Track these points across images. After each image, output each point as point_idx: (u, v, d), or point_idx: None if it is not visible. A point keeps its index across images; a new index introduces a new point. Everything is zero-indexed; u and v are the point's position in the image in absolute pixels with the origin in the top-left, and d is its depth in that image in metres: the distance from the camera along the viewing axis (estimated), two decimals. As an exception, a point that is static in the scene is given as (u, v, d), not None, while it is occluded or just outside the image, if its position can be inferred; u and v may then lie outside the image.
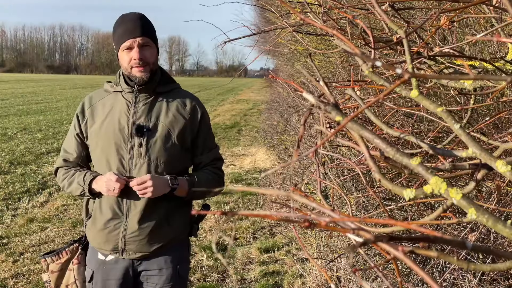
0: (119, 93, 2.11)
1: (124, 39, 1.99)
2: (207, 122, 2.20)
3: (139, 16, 2.05)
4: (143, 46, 2.00)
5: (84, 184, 2.05)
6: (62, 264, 2.19)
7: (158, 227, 2.07)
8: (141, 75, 2.02)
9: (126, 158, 2.04)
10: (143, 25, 2.01)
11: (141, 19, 2.03)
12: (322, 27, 0.73)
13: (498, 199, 1.65)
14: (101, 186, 2.01)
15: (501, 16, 1.19)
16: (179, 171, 2.12)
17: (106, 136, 2.06)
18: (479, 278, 2.31)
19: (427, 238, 0.42)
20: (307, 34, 1.60)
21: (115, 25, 2.06)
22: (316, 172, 0.82)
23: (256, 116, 17.05)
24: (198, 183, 2.08)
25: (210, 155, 2.20)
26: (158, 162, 2.04)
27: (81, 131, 2.15)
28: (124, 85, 2.08)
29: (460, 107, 1.26)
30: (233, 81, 45.82)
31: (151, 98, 2.09)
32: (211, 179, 2.15)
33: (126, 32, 1.99)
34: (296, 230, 1.08)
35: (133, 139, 2.04)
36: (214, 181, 2.16)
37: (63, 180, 2.16)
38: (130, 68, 2.02)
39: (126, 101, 2.08)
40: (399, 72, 0.45)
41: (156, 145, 2.04)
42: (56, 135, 11.18)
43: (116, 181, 1.95)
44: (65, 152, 2.19)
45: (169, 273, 2.12)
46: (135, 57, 1.98)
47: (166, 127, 2.06)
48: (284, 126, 7.43)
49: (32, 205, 6.01)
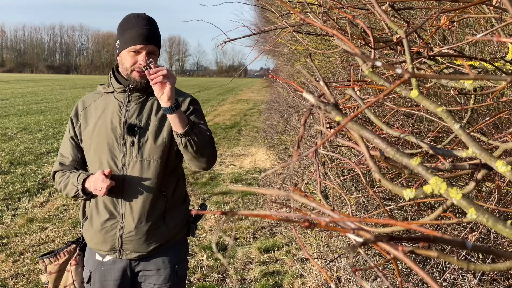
0: (111, 94, 2.13)
1: (136, 42, 1.99)
2: (196, 107, 2.16)
3: (153, 22, 2.06)
4: (150, 54, 2.02)
5: (77, 184, 2.05)
6: (60, 265, 2.19)
7: (155, 226, 2.07)
8: (140, 80, 2.04)
9: (119, 157, 2.05)
10: (155, 34, 2.04)
11: (155, 28, 2.05)
12: (322, 27, 0.73)
13: (498, 199, 1.65)
14: (90, 186, 2.03)
15: (501, 16, 1.19)
16: (173, 168, 2.12)
17: (99, 137, 2.07)
18: (479, 278, 2.31)
19: (427, 238, 0.42)
20: (307, 34, 1.60)
21: (125, 23, 2.04)
22: (316, 172, 0.82)
23: (256, 116, 17.05)
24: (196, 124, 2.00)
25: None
26: (150, 160, 2.04)
27: (75, 134, 2.16)
28: (117, 84, 2.09)
29: (460, 107, 1.26)
30: (233, 81, 45.84)
31: (143, 98, 2.10)
32: (206, 133, 2.04)
33: (140, 36, 1.98)
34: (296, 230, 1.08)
35: (125, 139, 2.05)
36: (208, 137, 2.04)
37: (60, 183, 2.16)
38: (131, 70, 2.03)
39: (118, 101, 2.10)
40: (399, 72, 0.45)
41: (147, 143, 2.05)
42: (56, 135, 11.19)
43: (102, 181, 1.95)
44: (61, 156, 2.20)
45: (167, 273, 2.12)
46: (141, 63, 1.99)
47: (156, 124, 2.07)
48: (284, 126, 7.43)
49: (32, 205, 6.01)
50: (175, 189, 2.15)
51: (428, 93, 2.46)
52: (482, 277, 2.34)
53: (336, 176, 3.39)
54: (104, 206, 2.07)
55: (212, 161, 2.08)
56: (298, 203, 0.57)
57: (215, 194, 6.64)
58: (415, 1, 2.29)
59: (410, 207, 2.40)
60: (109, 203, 2.06)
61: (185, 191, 2.25)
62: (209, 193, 6.74)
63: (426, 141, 0.93)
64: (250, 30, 1.77)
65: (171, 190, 2.13)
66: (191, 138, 1.92)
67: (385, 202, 2.73)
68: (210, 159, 2.05)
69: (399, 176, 1.86)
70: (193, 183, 7.14)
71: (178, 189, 2.17)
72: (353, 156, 3.35)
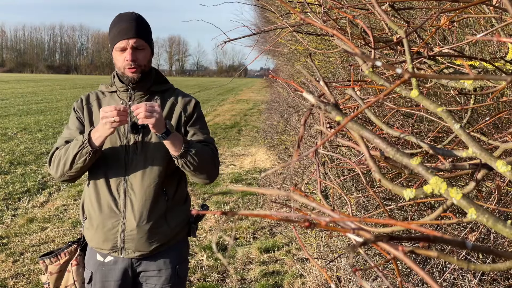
0: (114, 93, 2.13)
1: (118, 39, 1.99)
2: (199, 112, 2.19)
3: (135, 17, 2.04)
4: (137, 49, 2.01)
5: (83, 137, 1.96)
6: (61, 266, 2.19)
7: (156, 225, 2.07)
8: (132, 75, 2.04)
9: (122, 155, 2.05)
10: (137, 27, 2.01)
11: (136, 20, 2.02)
12: (322, 27, 0.73)
13: (498, 199, 1.65)
14: (99, 128, 1.93)
15: (501, 16, 1.19)
16: (175, 168, 2.12)
17: None
18: (479, 278, 2.31)
19: (427, 238, 0.42)
20: (307, 34, 1.60)
21: (111, 24, 2.07)
22: (316, 172, 0.82)
23: (256, 116, 17.05)
24: (193, 143, 2.01)
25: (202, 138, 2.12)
26: (153, 158, 2.05)
27: (81, 117, 2.12)
28: (119, 83, 2.10)
29: (460, 107, 1.26)
30: (233, 81, 45.83)
31: (146, 97, 2.11)
32: (206, 149, 2.06)
33: (120, 33, 1.99)
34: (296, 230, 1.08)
35: (129, 137, 2.05)
36: (209, 154, 2.06)
37: (60, 151, 2.05)
38: (123, 68, 2.04)
39: (121, 100, 2.11)
40: (399, 72, 0.45)
41: (151, 141, 2.05)
42: (56, 135, 11.18)
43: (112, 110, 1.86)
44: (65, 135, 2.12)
45: (168, 273, 2.12)
46: (127, 59, 2.00)
47: None
48: (284, 126, 7.43)
49: (32, 205, 6.01)
50: (176, 189, 2.15)
51: (428, 93, 2.46)
52: (482, 277, 2.34)
53: (336, 176, 3.39)
54: (104, 203, 2.07)
55: (214, 174, 2.12)
56: (298, 203, 0.57)
57: (215, 194, 6.64)
58: (415, 1, 2.29)
59: (410, 207, 2.40)
60: (110, 200, 2.06)
61: (186, 191, 2.26)
62: (209, 193, 6.74)
63: (426, 141, 0.93)
64: (250, 30, 1.77)
65: (172, 190, 2.13)
66: (187, 160, 1.97)
67: (385, 202, 2.73)
68: (210, 173, 2.09)
69: (399, 176, 1.86)
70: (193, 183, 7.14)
71: (179, 189, 2.17)
72: (353, 156, 3.35)
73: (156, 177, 2.05)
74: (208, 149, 2.08)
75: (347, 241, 3.46)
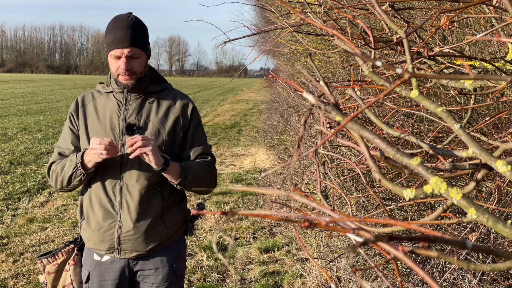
0: (111, 93, 2.14)
1: (113, 47, 1.99)
2: (197, 118, 2.20)
3: (130, 23, 2.00)
4: (131, 57, 2.00)
5: (76, 159, 2.01)
6: (59, 265, 2.19)
7: (153, 225, 2.07)
8: (126, 82, 2.05)
9: (117, 157, 2.04)
10: (132, 35, 1.98)
11: (132, 28, 1.99)
12: (322, 27, 0.73)
13: (498, 199, 1.65)
14: (89, 154, 1.97)
15: (501, 16, 1.19)
16: None
17: (98, 135, 2.06)
18: (479, 278, 2.31)
19: (427, 238, 0.42)
20: (307, 34, 1.60)
21: (107, 28, 2.05)
22: (316, 172, 0.82)
23: (256, 116, 17.05)
24: (189, 168, 2.05)
25: (200, 149, 2.16)
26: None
27: (74, 127, 2.15)
28: (115, 85, 2.10)
29: (460, 107, 1.26)
30: (233, 81, 45.81)
31: (141, 98, 2.11)
32: (203, 168, 2.11)
33: (115, 41, 1.97)
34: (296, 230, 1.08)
35: (124, 138, 2.05)
36: (206, 172, 2.12)
37: (56, 169, 2.10)
38: (117, 75, 2.05)
39: (117, 100, 2.11)
40: (399, 72, 0.45)
41: None
42: (56, 135, 11.18)
43: (100, 143, 1.90)
44: (59, 148, 2.17)
45: (165, 272, 2.13)
46: (122, 68, 2.00)
47: (156, 125, 2.08)
48: (284, 126, 7.43)
49: (32, 205, 6.01)
50: (172, 189, 2.15)
51: (428, 93, 2.46)
52: (482, 277, 2.34)
53: (336, 176, 3.39)
54: (101, 205, 2.07)
55: (211, 187, 2.19)
56: (298, 203, 0.57)
57: (215, 194, 6.64)
58: (415, 1, 2.29)
59: (410, 207, 2.40)
60: (106, 201, 2.07)
61: (182, 191, 2.25)
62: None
63: (426, 141, 0.93)
64: (250, 30, 1.77)
65: (168, 190, 2.13)
66: (185, 185, 2.06)
67: (385, 202, 2.73)
68: (208, 187, 2.15)
69: (399, 176, 1.86)
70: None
71: (175, 189, 2.17)
72: (353, 156, 3.35)
73: (151, 177, 2.05)
74: (205, 167, 2.13)
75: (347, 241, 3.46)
